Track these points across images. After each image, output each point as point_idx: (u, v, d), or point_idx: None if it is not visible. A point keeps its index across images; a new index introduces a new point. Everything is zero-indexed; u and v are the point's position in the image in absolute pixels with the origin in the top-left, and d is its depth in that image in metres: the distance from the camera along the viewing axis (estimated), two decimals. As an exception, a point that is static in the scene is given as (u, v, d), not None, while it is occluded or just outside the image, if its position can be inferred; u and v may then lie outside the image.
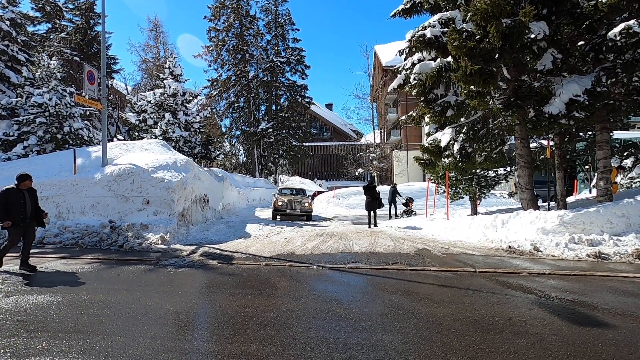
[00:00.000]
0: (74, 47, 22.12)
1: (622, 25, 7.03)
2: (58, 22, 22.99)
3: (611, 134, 9.38)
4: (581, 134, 10.83)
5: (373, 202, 11.44)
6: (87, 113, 18.13)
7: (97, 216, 9.28)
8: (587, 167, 15.38)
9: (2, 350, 2.95)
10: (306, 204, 13.66)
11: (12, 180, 10.62)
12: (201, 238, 8.85)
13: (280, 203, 13.51)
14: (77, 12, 23.48)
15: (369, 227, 11.22)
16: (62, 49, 21.20)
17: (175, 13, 75.40)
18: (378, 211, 11.99)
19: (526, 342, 3.12)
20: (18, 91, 15.99)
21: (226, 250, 7.37)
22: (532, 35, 7.55)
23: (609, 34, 7.26)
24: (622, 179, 13.46)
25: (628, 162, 12.92)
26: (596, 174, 9.37)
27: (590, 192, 13.62)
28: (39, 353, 2.91)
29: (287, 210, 13.30)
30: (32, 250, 7.50)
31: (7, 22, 16.57)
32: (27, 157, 13.81)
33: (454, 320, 3.61)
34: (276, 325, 3.51)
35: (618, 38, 7.06)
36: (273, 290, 4.78)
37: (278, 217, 13.53)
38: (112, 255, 7.00)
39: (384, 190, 16.25)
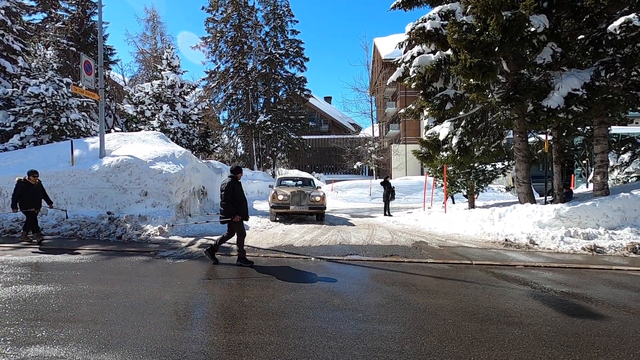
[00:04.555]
0: (70, 37, 21.83)
1: (622, 19, 7.01)
2: (54, 11, 22.67)
3: (609, 128, 9.40)
4: (579, 128, 10.87)
5: (388, 194, 13.04)
6: (84, 104, 17.98)
7: (95, 207, 9.28)
8: (584, 161, 15.45)
9: (2, 339, 2.98)
10: (317, 198, 10.61)
11: (10, 171, 10.58)
12: (199, 230, 8.87)
13: (280, 197, 10.46)
14: (73, 2, 23.11)
15: (384, 214, 12.83)
16: (58, 38, 20.92)
17: (171, 5, 74.53)
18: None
19: (521, 332, 3.17)
20: (14, 81, 15.82)
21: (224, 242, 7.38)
22: (532, 29, 7.53)
23: (609, 27, 7.24)
24: (618, 173, 13.54)
25: (625, 156, 12.97)
26: (593, 169, 9.41)
27: (587, 187, 13.71)
28: (39, 341, 2.93)
29: (291, 207, 10.40)
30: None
31: (2, 11, 16.31)
32: (24, 148, 13.73)
33: (450, 311, 3.65)
34: (274, 315, 3.55)
35: (618, 32, 7.05)
36: (271, 281, 4.82)
37: (278, 217, 10.80)
38: (111, 247, 7.02)
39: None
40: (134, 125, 20.25)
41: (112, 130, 21.49)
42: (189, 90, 22.79)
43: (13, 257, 6.05)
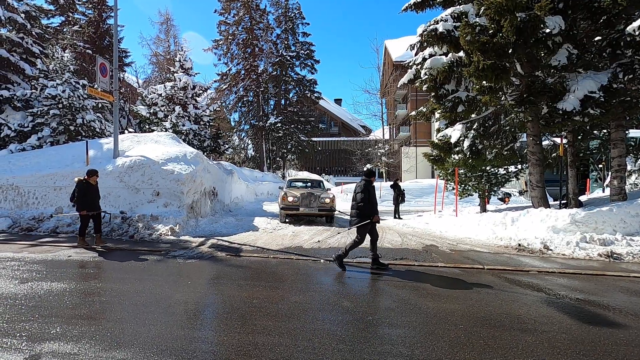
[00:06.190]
0: (86, 40, 22.33)
1: (641, 20, 6.84)
2: (71, 15, 23.22)
3: (627, 132, 9.18)
4: (595, 131, 10.61)
5: (398, 197, 13.14)
6: (99, 105, 18.33)
7: (108, 207, 9.42)
8: (600, 165, 15.09)
9: (18, 334, 3.04)
10: (326, 200, 10.51)
11: (27, 170, 10.82)
12: (210, 230, 8.95)
13: (290, 199, 10.47)
14: (90, 5, 23.66)
15: (394, 217, 12.86)
16: (75, 41, 21.41)
17: (182, 10, 75.55)
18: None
19: (535, 339, 3.09)
20: (32, 83, 16.23)
21: (234, 243, 7.45)
22: (547, 30, 7.40)
23: (628, 28, 7.07)
24: (636, 178, 13.19)
25: (643, 161, 12.64)
26: (610, 173, 9.19)
27: (603, 192, 13.37)
28: (53, 338, 2.99)
29: (301, 209, 10.37)
30: (44, 239, 7.69)
31: (22, 15, 16.76)
32: (41, 148, 14.06)
33: (461, 317, 3.60)
34: (284, 316, 3.55)
35: (637, 33, 6.87)
36: (280, 282, 4.82)
37: (288, 219, 10.82)
38: (123, 245, 7.12)
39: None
40: (147, 126, 20.59)
41: (126, 131, 21.85)
42: (200, 92, 23.09)
43: (30, 254, 6.19)
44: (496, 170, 11.48)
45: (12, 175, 10.27)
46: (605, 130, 10.43)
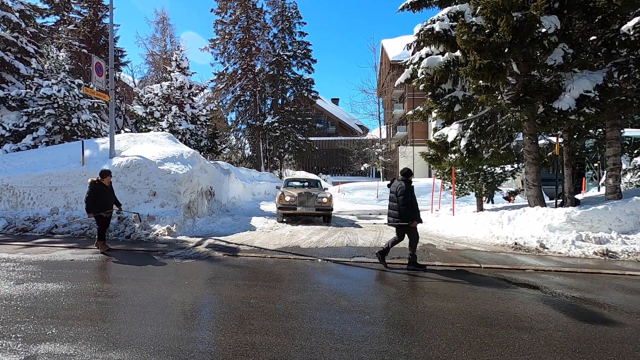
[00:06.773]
0: (82, 39, 22.19)
1: (636, 20, 6.89)
2: (66, 14, 23.07)
3: (622, 131, 9.23)
4: (591, 130, 10.67)
5: None
6: (95, 105, 18.23)
7: (104, 207, 9.39)
8: (595, 164, 15.19)
9: (13, 336, 3.02)
10: (324, 200, 10.50)
11: (22, 170, 10.74)
12: (207, 230, 8.92)
13: (288, 198, 10.40)
14: (85, 4, 23.52)
15: None
16: (70, 41, 21.28)
17: (178, 9, 75.20)
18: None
19: (531, 337, 3.11)
20: (27, 82, 16.11)
21: (232, 243, 7.43)
22: (543, 30, 7.43)
23: (623, 28, 7.12)
24: (631, 177, 13.29)
25: (638, 160, 12.73)
26: (605, 172, 9.25)
27: (598, 190, 13.46)
28: (49, 339, 2.97)
29: (298, 209, 10.33)
30: (40, 240, 7.65)
31: (17, 14, 16.65)
32: (37, 148, 13.97)
33: (458, 315, 3.61)
34: (281, 316, 3.54)
35: (631, 32, 6.92)
36: (278, 282, 4.82)
37: (285, 219, 10.68)
38: (120, 246, 7.09)
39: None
40: (144, 126, 20.50)
41: (122, 131, 21.76)
42: (197, 91, 22.99)
43: (25, 255, 6.15)
44: (493, 169, 11.52)
45: (7, 175, 10.19)
46: (600, 130, 10.49)
